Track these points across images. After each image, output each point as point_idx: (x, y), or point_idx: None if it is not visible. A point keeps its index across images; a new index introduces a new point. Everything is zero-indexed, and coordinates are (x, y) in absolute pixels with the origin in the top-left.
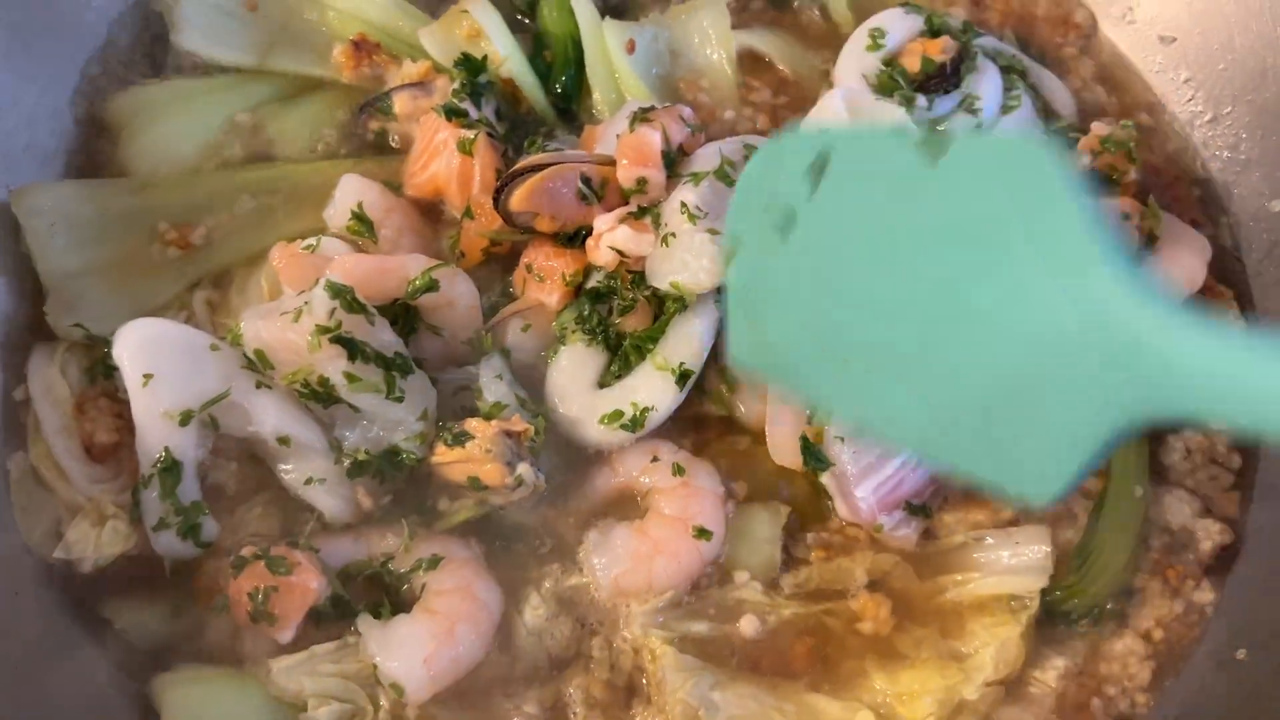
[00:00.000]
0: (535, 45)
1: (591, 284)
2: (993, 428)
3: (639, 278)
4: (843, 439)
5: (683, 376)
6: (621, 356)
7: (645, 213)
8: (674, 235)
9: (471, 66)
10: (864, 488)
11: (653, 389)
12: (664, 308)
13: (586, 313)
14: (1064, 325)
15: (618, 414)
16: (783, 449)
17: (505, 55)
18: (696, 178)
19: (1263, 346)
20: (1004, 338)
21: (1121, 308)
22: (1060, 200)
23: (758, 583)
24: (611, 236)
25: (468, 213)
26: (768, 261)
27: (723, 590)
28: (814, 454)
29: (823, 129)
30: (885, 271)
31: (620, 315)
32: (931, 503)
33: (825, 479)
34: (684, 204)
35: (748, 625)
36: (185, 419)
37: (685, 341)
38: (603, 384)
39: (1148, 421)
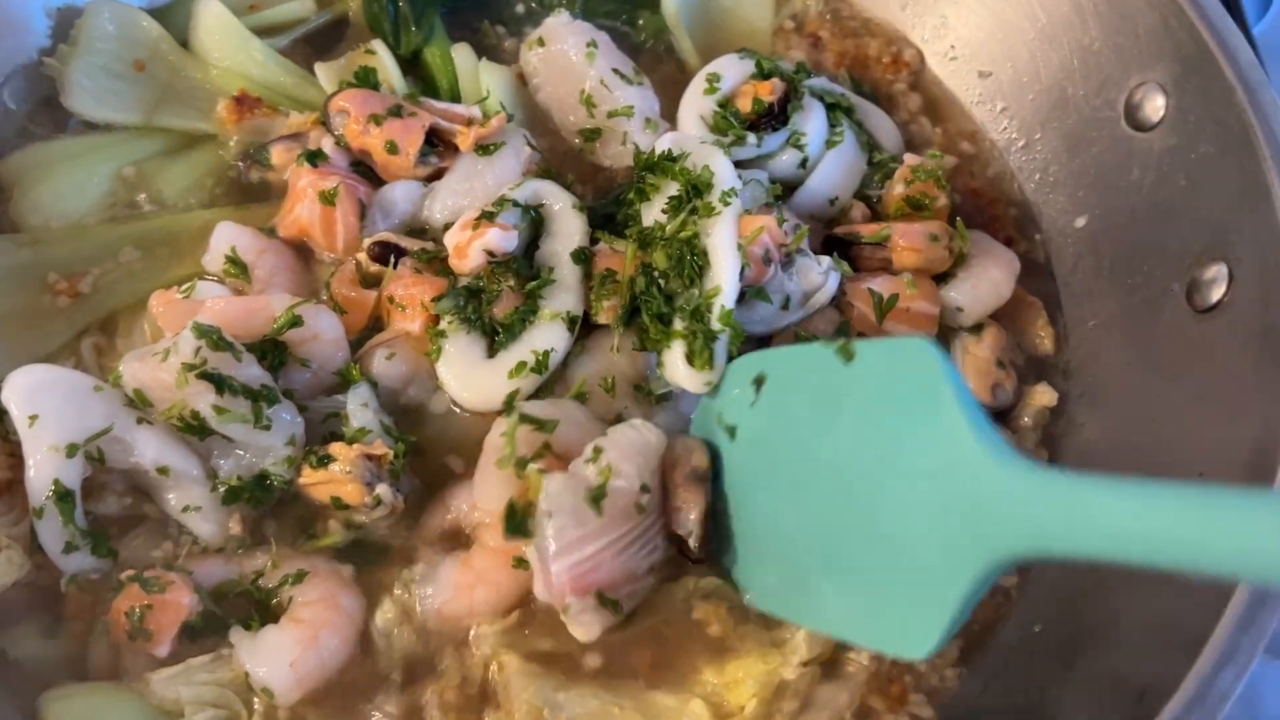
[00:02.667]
0: (425, 88)
1: (461, 285)
2: (875, 593)
3: (502, 268)
4: (550, 514)
5: (571, 321)
6: (502, 336)
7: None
8: None
9: (367, 81)
10: (560, 564)
11: (548, 334)
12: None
13: (463, 303)
14: (935, 489)
15: (522, 365)
16: (487, 501)
17: (398, 88)
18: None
19: (1098, 487)
20: (885, 503)
21: (979, 466)
22: (938, 380)
23: None
24: (485, 240)
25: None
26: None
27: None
28: (518, 525)
29: (762, 352)
30: (809, 459)
31: (489, 304)
32: (625, 602)
33: (529, 552)
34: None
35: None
36: (71, 451)
37: (565, 295)
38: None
39: (1001, 566)
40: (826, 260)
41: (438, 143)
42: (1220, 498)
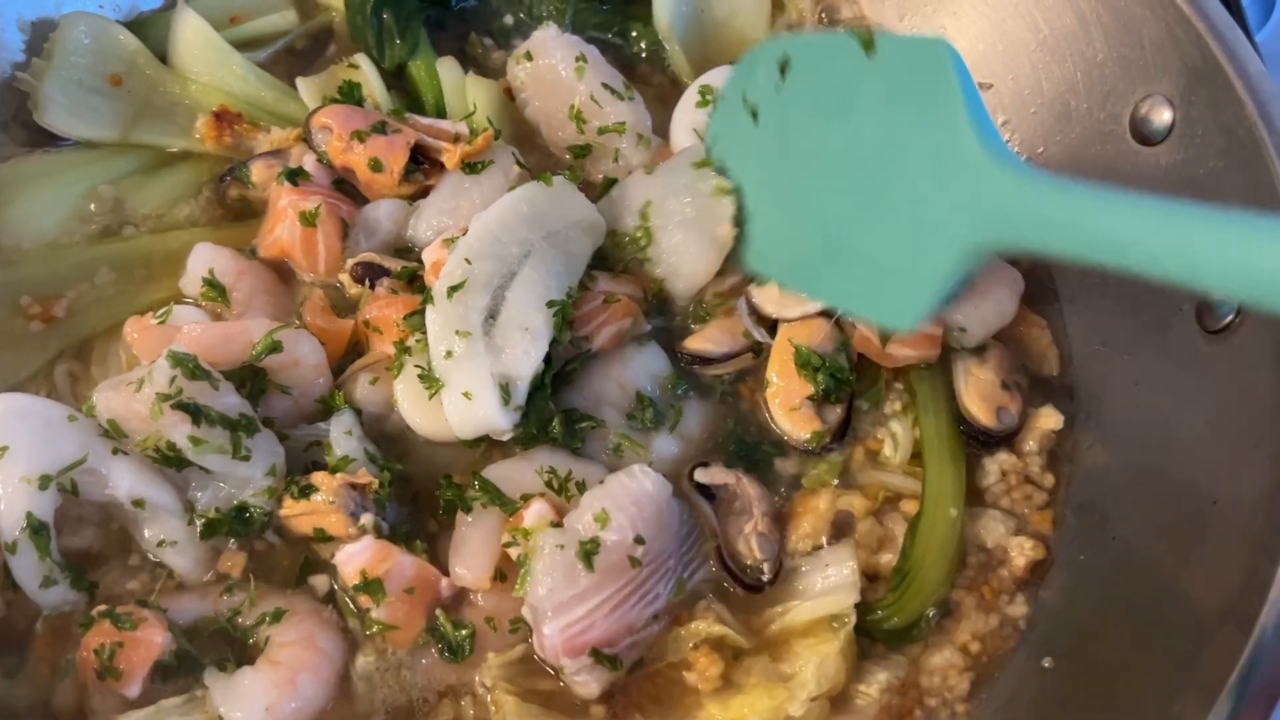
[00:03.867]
0: (410, 104)
1: None
2: (871, 270)
3: None
4: (540, 574)
5: None
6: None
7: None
8: None
9: (351, 96)
10: (551, 626)
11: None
12: None
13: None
14: (935, 178)
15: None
16: (472, 565)
17: (383, 103)
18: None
19: (1080, 189)
20: (889, 189)
21: (978, 160)
22: (949, 77)
23: None
24: None
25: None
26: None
27: None
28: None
29: (788, 39)
30: (823, 145)
31: None
32: (625, 655)
33: (524, 610)
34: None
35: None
36: (44, 483)
37: None
38: None
39: (983, 250)
40: None
41: (423, 160)
42: (1191, 213)
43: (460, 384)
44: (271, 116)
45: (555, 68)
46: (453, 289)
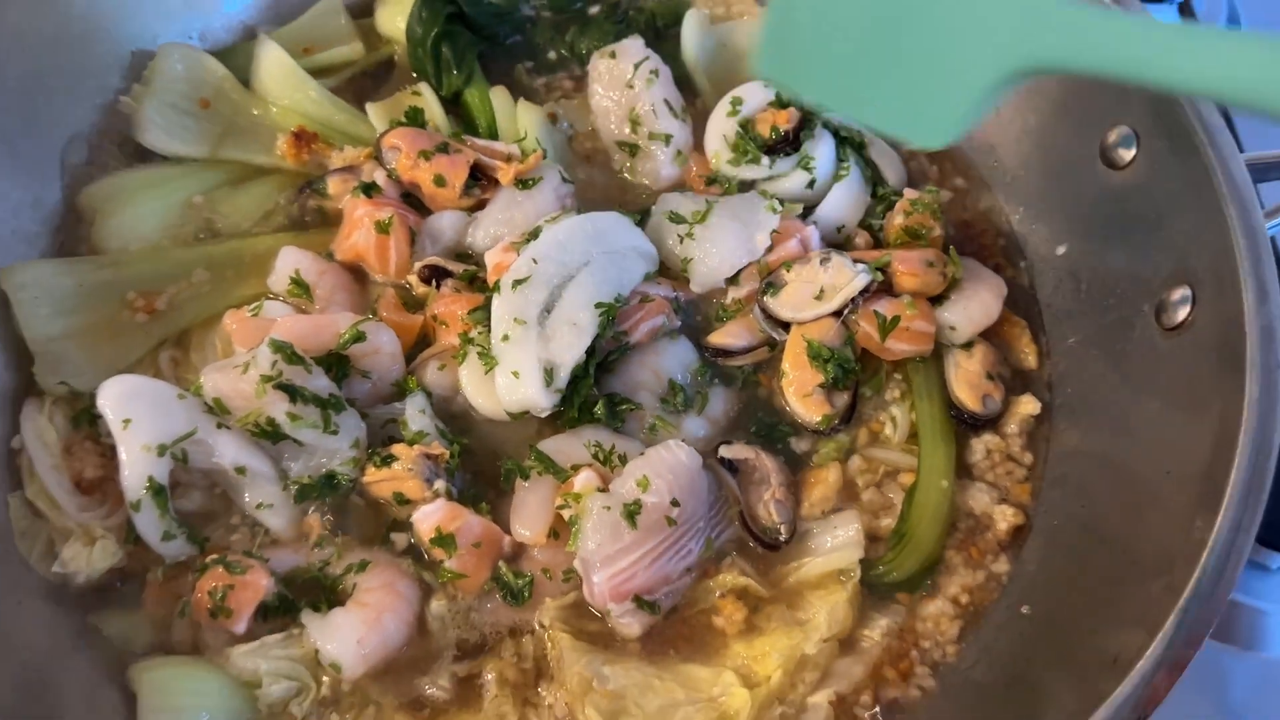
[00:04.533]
0: (465, 127)
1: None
2: (907, 87)
3: None
4: (590, 531)
5: None
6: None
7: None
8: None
9: (415, 120)
10: (600, 575)
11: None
12: None
13: (476, 334)
14: None
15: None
16: (530, 524)
17: (442, 127)
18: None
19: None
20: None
21: None
22: None
23: None
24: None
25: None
26: None
27: None
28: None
29: None
30: None
31: None
32: (663, 601)
33: (576, 563)
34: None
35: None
36: (162, 450)
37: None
38: None
39: (1022, 70)
40: (861, 265)
41: (480, 177)
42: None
43: (511, 364)
44: (343, 136)
45: (631, 71)
46: (517, 282)
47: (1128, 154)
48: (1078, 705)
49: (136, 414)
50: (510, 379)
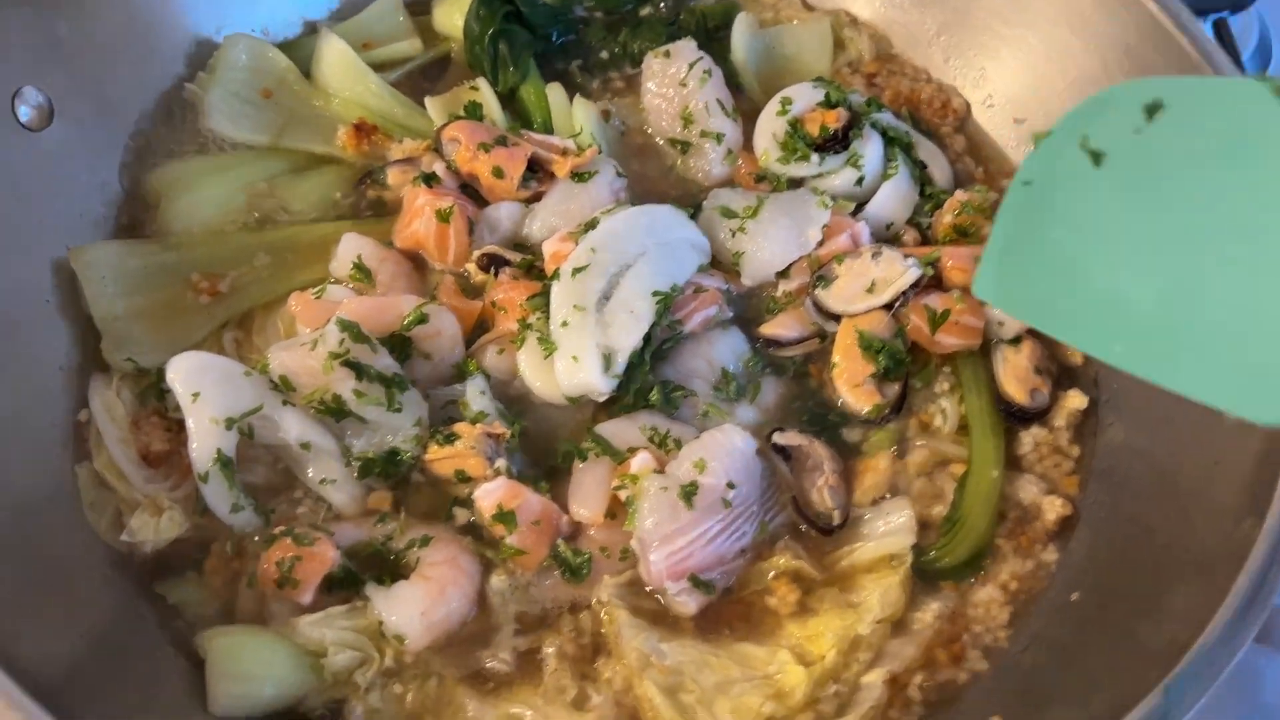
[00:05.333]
0: (520, 122)
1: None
2: (1226, 343)
3: None
4: (647, 511)
5: None
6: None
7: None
8: None
9: (474, 113)
10: (657, 554)
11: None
12: None
13: (534, 320)
14: None
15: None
16: (588, 504)
17: (499, 121)
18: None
19: None
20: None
21: None
22: None
23: None
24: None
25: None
26: (1058, 201)
27: None
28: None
29: (1164, 80)
30: (1200, 197)
31: None
32: (718, 581)
33: (633, 542)
34: None
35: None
36: (229, 424)
37: None
38: None
39: None
40: (912, 259)
41: (537, 169)
42: None
43: (570, 348)
44: (402, 129)
45: (685, 71)
46: (577, 270)
47: None
48: (1124, 694)
49: (205, 388)
50: (570, 363)
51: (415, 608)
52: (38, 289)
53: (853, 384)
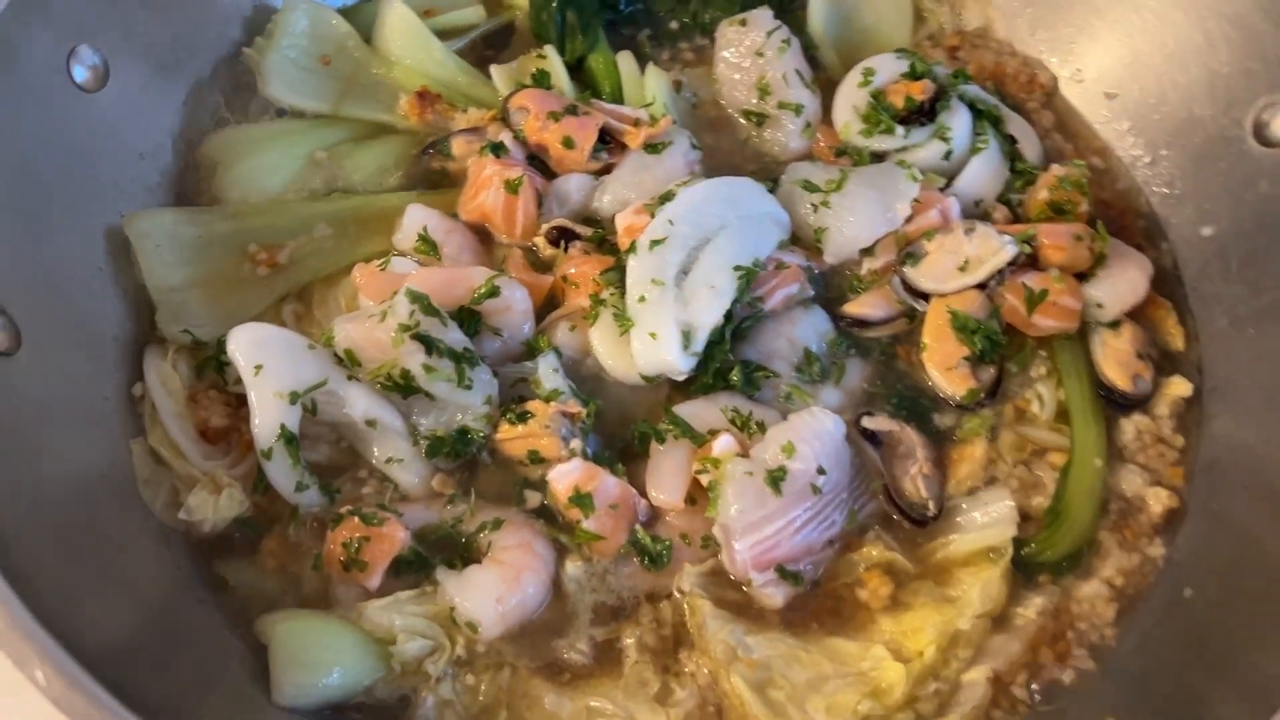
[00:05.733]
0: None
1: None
2: None
3: None
4: (732, 497)
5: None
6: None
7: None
8: None
9: (541, 82)
10: (742, 543)
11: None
12: None
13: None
14: None
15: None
16: (667, 488)
17: (567, 91)
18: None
19: None
20: None
21: None
22: None
23: None
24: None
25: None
26: None
27: None
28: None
29: None
30: None
31: None
32: (806, 572)
33: (715, 529)
34: None
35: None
36: (294, 398)
37: None
38: None
39: None
40: (1008, 237)
41: (608, 140)
42: None
43: (648, 325)
44: (465, 98)
45: (763, 39)
46: (654, 242)
47: None
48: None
49: (268, 360)
50: (647, 340)
51: (489, 594)
52: (90, 256)
53: (945, 367)
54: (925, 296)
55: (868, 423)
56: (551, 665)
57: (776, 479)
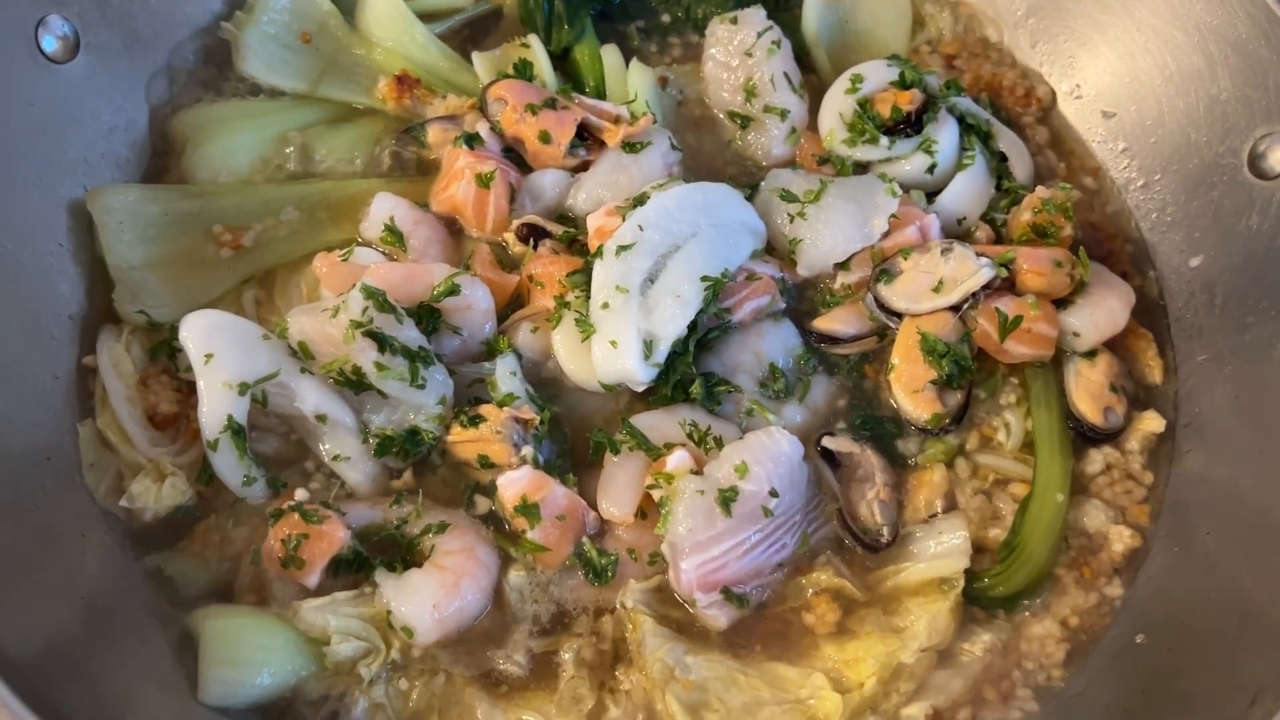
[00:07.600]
0: (572, 85)
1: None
2: None
3: None
4: (681, 515)
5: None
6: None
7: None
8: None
9: (523, 73)
10: (689, 563)
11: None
12: None
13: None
14: None
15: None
16: (618, 501)
17: (549, 83)
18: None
19: None
20: None
21: None
22: None
23: None
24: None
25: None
26: None
27: None
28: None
29: None
30: None
31: None
32: (753, 595)
33: (664, 546)
34: None
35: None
36: (243, 389)
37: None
38: None
39: None
40: (985, 259)
41: (586, 136)
42: None
43: (609, 332)
44: (446, 85)
45: (752, 40)
46: (622, 248)
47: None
48: None
49: (220, 349)
50: (607, 348)
51: (427, 599)
52: (50, 230)
53: (911, 389)
54: (898, 315)
55: (828, 443)
56: (487, 675)
57: (728, 499)
